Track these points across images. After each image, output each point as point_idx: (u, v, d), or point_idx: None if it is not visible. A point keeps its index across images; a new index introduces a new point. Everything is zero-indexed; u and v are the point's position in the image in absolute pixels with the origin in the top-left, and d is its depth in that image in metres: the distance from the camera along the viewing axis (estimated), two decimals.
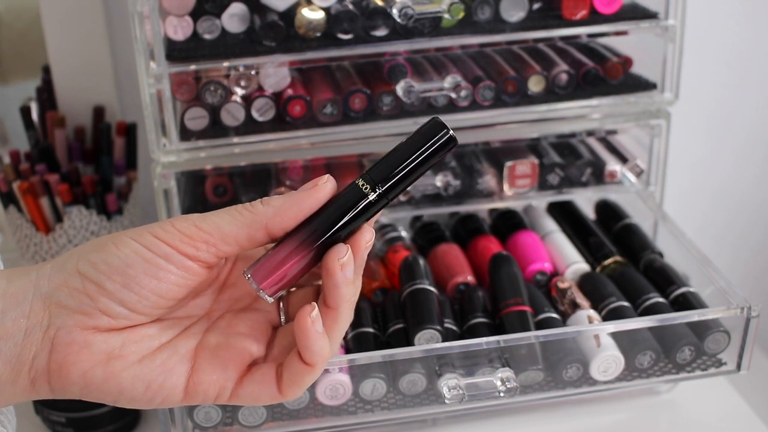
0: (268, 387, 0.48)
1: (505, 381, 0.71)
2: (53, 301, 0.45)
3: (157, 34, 0.72)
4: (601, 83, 0.83)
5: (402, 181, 0.47)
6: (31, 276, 0.46)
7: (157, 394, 0.47)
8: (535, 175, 0.85)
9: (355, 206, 0.47)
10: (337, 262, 0.46)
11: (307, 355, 0.46)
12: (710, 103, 1.11)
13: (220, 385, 0.48)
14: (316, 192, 0.47)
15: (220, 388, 0.48)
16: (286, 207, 0.46)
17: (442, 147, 0.47)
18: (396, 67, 0.79)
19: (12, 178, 0.89)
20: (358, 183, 0.47)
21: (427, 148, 0.47)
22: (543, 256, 0.86)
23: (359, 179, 0.47)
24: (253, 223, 0.46)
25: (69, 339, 0.45)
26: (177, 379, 0.47)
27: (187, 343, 0.48)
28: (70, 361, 0.45)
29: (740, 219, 1.19)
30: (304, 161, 0.82)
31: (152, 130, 0.76)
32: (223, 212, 0.47)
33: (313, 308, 0.46)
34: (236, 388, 0.48)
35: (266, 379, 0.48)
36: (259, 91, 0.78)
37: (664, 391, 0.84)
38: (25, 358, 0.45)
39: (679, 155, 1.01)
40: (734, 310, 0.74)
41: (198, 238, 0.46)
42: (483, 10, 0.77)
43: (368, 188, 0.47)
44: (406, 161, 0.47)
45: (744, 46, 1.08)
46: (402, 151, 0.47)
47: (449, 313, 0.78)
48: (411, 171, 0.47)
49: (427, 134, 0.47)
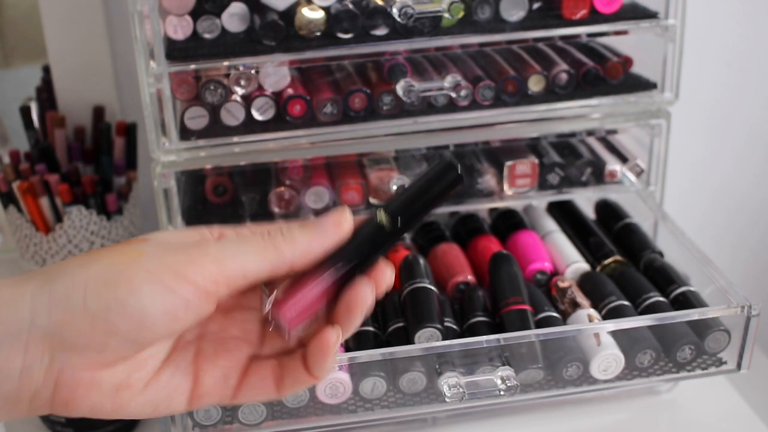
0: (266, 389, 0.48)
1: (505, 379, 0.71)
2: (55, 340, 0.42)
3: (157, 34, 0.72)
4: (601, 83, 0.83)
5: (416, 217, 0.49)
6: (24, 302, 0.42)
7: (162, 412, 0.47)
8: (535, 174, 0.85)
9: (378, 241, 0.48)
10: (363, 300, 0.46)
11: (318, 371, 0.47)
12: (710, 103, 1.11)
13: (221, 394, 0.48)
14: (338, 230, 0.47)
15: (221, 396, 0.48)
16: (314, 246, 0.46)
17: (452, 186, 0.49)
18: (396, 67, 0.79)
19: (12, 178, 0.89)
20: (379, 220, 0.48)
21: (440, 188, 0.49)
22: (543, 255, 0.86)
23: (379, 213, 0.48)
24: (279, 262, 0.45)
25: (75, 377, 0.43)
26: (181, 396, 0.47)
27: (185, 356, 0.47)
28: (78, 397, 0.43)
29: (740, 219, 1.20)
30: (304, 161, 0.82)
31: (152, 129, 0.76)
32: (246, 247, 0.45)
33: (337, 333, 0.46)
34: (235, 394, 0.48)
35: (264, 383, 0.48)
36: (259, 90, 0.78)
37: (664, 391, 0.84)
38: (24, 394, 0.43)
39: (679, 155, 1.01)
40: (734, 309, 0.74)
41: (221, 280, 0.44)
42: (483, 9, 0.77)
43: (387, 222, 0.48)
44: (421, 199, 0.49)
45: (744, 46, 1.08)
46: (417, 189, 0.49)
47: (449, 312, 0.78)
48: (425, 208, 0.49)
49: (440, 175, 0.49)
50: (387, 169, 0.83)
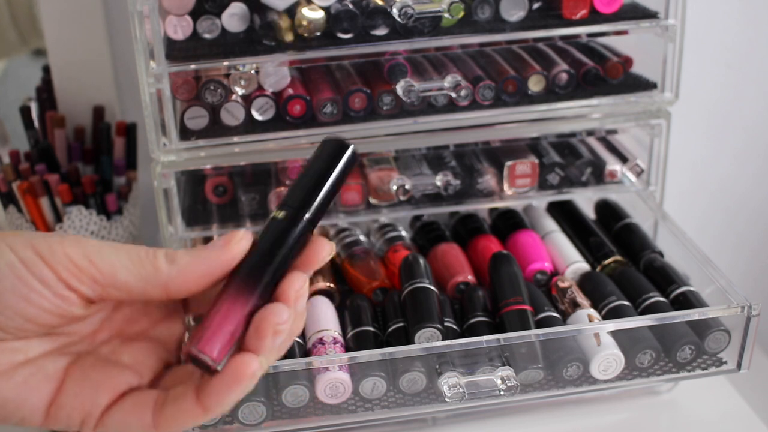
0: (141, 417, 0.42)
1: (505, 379, 0.71)
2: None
3: (157, 34, 0.72)
4: (601, 83, 0.83)
5: (310, 192, 0.45)
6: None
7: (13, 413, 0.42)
8: (535, 174, 0.85)
9: (283, 236, 0.44)
10: (273, 319, 0.41)
11: (212, 403, 0.41)
12: (710, 103, 1.11)
13: (86, 412, 0.42)
14: (225, 252, 0.42)
15: (86, 415, 0.43)
16: (192, 268, 0.42)
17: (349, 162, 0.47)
18: (396, 67, 0.79)
19: (12, 178, 0.89)
20: (275, 215, 0.44)
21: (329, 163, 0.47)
22: (543, 255, 0.86)
23: (275, 212, 0.45)
24: (153, 279, 0.41)
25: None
26: (38, 401, 0.42)
27: (56, 362, 0.43)
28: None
29: (740, 219, 1.20)
30: (304, 161, 0.82)
31: (152, 129, 0.76)
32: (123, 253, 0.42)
33: (259, 367, 0.41)
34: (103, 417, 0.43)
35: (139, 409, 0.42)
36: (259, 90, 0.78)
37: (664, 391, 0.84)
38: None
39: (679, 155, 1.01)
40: (734, 309, 0.74)
41: (86, 272, 0.41)
42: (483, 9, 0.77)
43: (279, 211, 0.44)
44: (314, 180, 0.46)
45: (744, 46, 1.08)
46: (309, 173, 0.46)
47: (449, 312, 0.78)
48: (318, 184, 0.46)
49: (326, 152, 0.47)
50: (387, 169, 0.83)
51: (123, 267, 0.41)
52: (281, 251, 0.43)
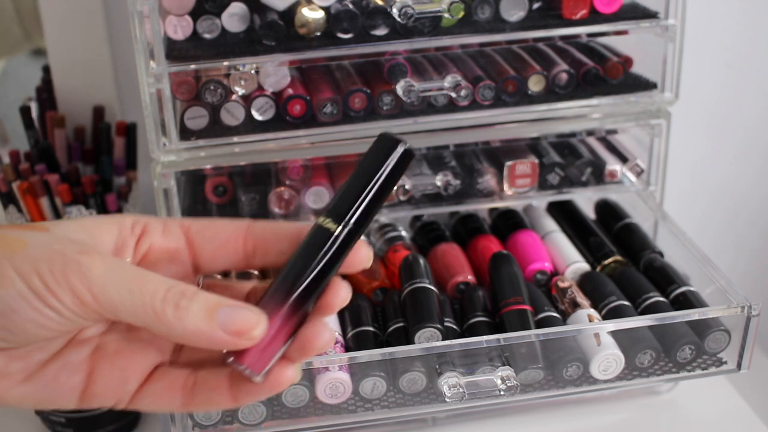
0: (171, 400, 0.44)
1: (505, 379, 0.71)
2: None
3: (157, 34, 0.72)
4: (601, 83, 0.83)
5: (367, 207, 0.43)
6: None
7: (47, 407, 0.43)
8: (535, 174, 0.85)
9: (327, 248, 0.42)
10: (339, 304, 0.43)
11: (246, 402, 0.43)
12: (710, 103, 1.11)
13: (117, 397, 0.44)
14: (235, 341, 0.40)
15: (117, 400, 0.44)
16: (196, 338, 0.40)
17: (401, 163, 0.43)
18: (396, 67, 0.79)
19: (12, 178, 0.89)
20: (323, 224, 0.43)
21: (384, 170, 0.43)
22: (543, 255, 0.86)
23: (321, 217, 0.43)
24: (155, 328, 0.40)
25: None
26: (70, 393, 0.43)
27: (80, 352, 0.43)
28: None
29: (740, 219, 1.19)
30: (304, 161, 0.82)
31: (152, 129, 0.76)
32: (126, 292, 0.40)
33: (296, 375, 0.42)
34: (134, 398, 0.44)
35: (168, 393, 0.44)
36: (259, 90, 0.78)
37: (664, 391, 0.84)
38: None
39: (679, 155, 1.01)
40: (734, 309, 0.74)
41: (91, 307, 0.40)
42: (483, 9, 0.77)
43: (333, 224, 0.43)
44: (366, 188, 0.43)
45: (744, 46, 1.08)
46: (359, 178, 0.43)
47: (449, 312, 0.78)
48: (375, 196, 0.43)
49: (380, 153, 0.43)
50: None
51: (125, 310, 0.40)
52: (332, 267, 0.43)
